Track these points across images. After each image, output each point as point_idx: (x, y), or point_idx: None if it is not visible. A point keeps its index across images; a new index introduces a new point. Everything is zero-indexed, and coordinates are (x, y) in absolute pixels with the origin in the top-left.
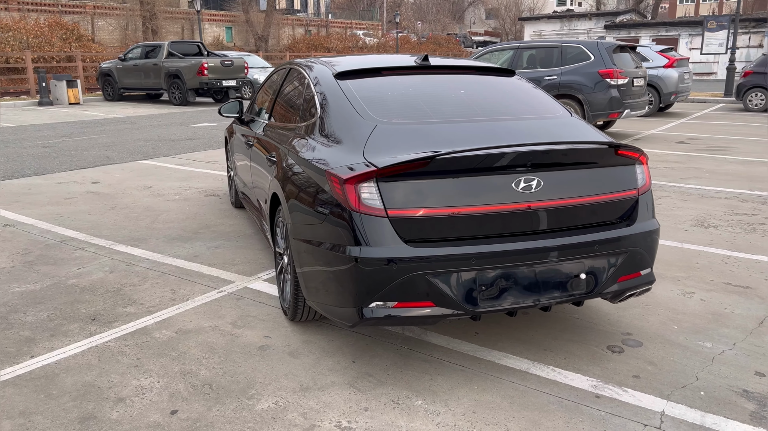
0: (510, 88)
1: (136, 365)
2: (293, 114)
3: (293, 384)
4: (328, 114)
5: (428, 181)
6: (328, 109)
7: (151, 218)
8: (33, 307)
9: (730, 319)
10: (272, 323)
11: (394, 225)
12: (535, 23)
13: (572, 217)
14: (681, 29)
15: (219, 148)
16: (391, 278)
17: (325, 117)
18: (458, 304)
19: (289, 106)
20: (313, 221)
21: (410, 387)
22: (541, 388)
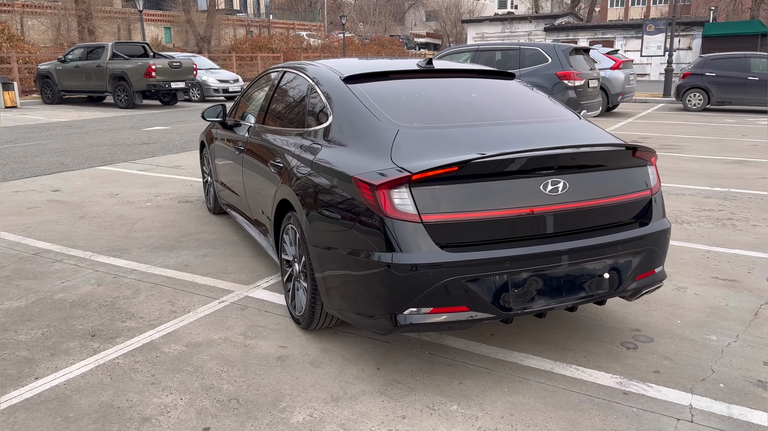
0: (515, 91)
1: (153, 382)
2: (296, 118)
3: (323, 395)
4: (343, 119)
5: (460, 185)
6: (342, 114)
7: (127, 227)
8: (23, 325)
9: (727, 312)
10: (284, 332)
11: (428, 230)
12: (477, 26)
13: (595, 218)
14: (616, 32)
15: (179, 152)
16: (428, 284)
17: (340, 122)
18: (492, 308)
19: (291, 111)
20: (338, 228)
21: (441, 392)
22: (570, 387)
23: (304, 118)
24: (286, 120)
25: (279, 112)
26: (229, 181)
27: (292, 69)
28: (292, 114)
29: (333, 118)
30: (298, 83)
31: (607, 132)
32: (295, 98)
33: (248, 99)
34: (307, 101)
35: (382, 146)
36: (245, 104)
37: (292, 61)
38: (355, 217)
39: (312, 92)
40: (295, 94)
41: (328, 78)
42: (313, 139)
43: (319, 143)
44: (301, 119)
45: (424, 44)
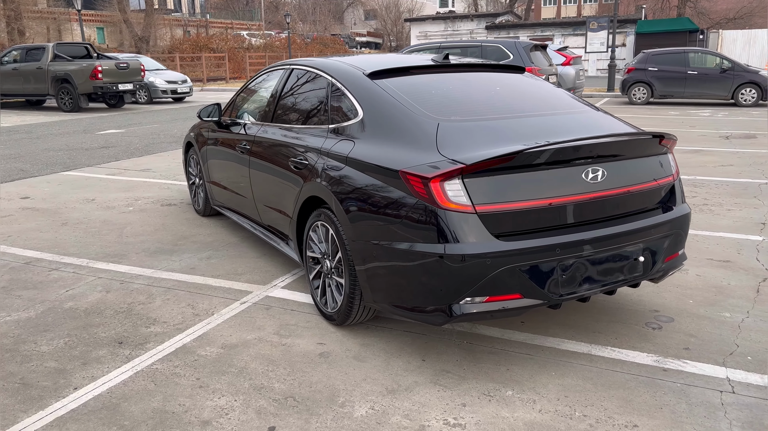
0: (531, 84)
1: (200, 386)
2: (316, 116)
3: (377, 388)
4: (376, 114)
5: (509, 175)
6: (373, 109)
7: (116, 232)
8: (41, 336)
9: (731, 291)
10: (318, 330)
11: (482, 220)
12: (420, 24)
13: (630, 204)
14: (555, 29)
15: (143, 155)
16: (484, 273)
17: (372, 117)
18: (543, 294)
19: (308, 108)
20: (384, 222)
21: (492, 379)
22: (612, 367)
23: (326, 114)
24: (302, 118)
25: (292, 109)
26: (228, 182)
27: (302, 66)
28: (310, 111)
29: (363, 113)
30: (313, 80)
31: (626, 122)
32: (312, 95)
33: (247, 98)
34: (328, 98)
35: (425, 139)
36: (243, 104)
37: (297, 59)
38: (404, 210)
39: (333, 89)
40: (311, 92)
41: (350, 74)
42: (342, 135)
43: (350, 139)
44: (322, 116)
45: (366, 43)
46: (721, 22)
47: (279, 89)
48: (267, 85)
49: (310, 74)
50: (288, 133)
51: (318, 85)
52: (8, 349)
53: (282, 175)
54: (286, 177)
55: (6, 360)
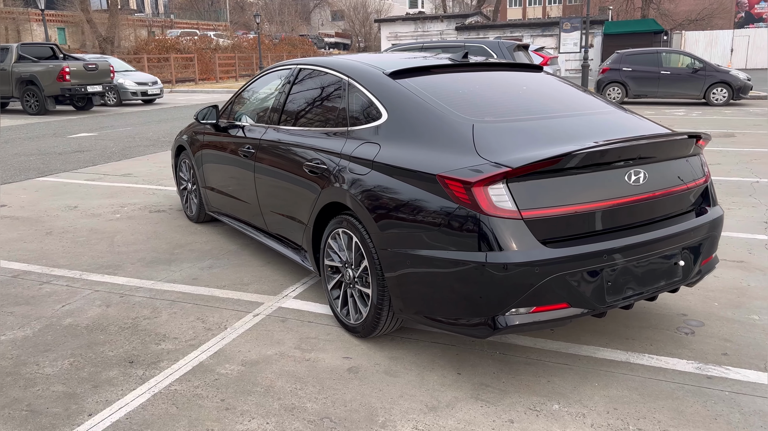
0: (555, 83)
1: (227, 407)
2: (332, 117)
3: (417, 405)
4: (402, 115)
5: (553, 179)
6: (399, 110)
7: (106, 241)
8: (42, 356)
9: (753, 292)
10: (341, 343)
11: (529, 226)
12: (390, 25)
13: (670, 207)
14: (524, 30)
15: (121, 159)
16: (532, 282)
17: (398, 118)
18: (590, 302)
19: (322, 110)
20: (419, 229)
21: (535, 392)
22: (655, 376)
23: (343, 116)
24: (315, 119)
25: (302, 111)
26: (228, 187)
27: (311, 66)
28: (324, 113)
29: (388, 114)
30: (326, 81)
31: (655, 122)
32: (325, 96)
33: (247, 100)
34: (345, 99)
35: (460, 141)
36: (243, 106)
37: (304, 58)
38: (443, 217)
39: (350, 89)
40: (324, 93)
41: (369, 74)
42: (364, 137)
43: (374, 141)
44: (338, 118)
45: (334, 44)
46: (683, 23)
47: (285, 90)
48: (270, 86)
49: (321, 74)
50: (300, 135)
51: (331, 85)
52: (8, 372)
53: (294, 181)
54: (299, 182)
55: (8, 384)
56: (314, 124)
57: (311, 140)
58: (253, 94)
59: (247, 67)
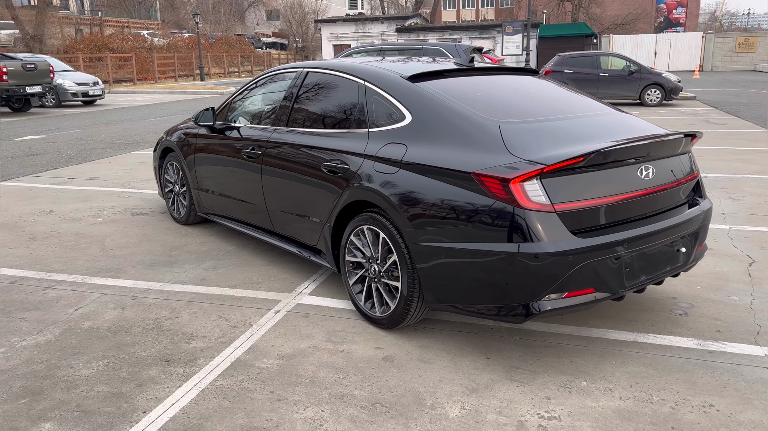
0: (554, 86)
1: (279, 398)
2: (350, 119)
3: (458, 388)
4: (428, 117)
5: (579, 175)
6: (424, 112)
7: (97, 245)
8: (74, 359)
9: (727, 276)
10: (368, 334)
11: (561, 218)
12: (331, 26)
13: (672, 199)
14: (462, 32)
15: (81, 162)
16: (566, 270)
17: (424, 120)
18: (612, 287)
19: (338, 112)
20: (454, 224)
21: (561, 371)
22: (663, 353)
23: (361, 118)
24: (330, 122)
25: (315, 114)
26: (227, 189)
27: (320, 69)
28: (340, 115)
29: (412, 117)
30: (339, 84)
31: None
32: (340, 99)
33: (248, 103)
34: (364, 102)
35: (490, 141)
36: (242, 108)
37: (310, 62)
38: (479, 212)
39: (369, 92)
40: (338, 95)
41: (388, 78)
42: (388, 138)
43: (399, 142)
44: (356, 120)
45: (271, 44)
46: (610, 27)
47: (293, 93)
48: (274, 89)
49: (333, 78)
50: (314, 136)
51: (346, 88)
52: (44, 376)
53: (309, 181)
54: (314, 182)
55: (48, 387)
56: (329, 125)
57: (327, 141)
58: (252, 98)
59: (186, 67)
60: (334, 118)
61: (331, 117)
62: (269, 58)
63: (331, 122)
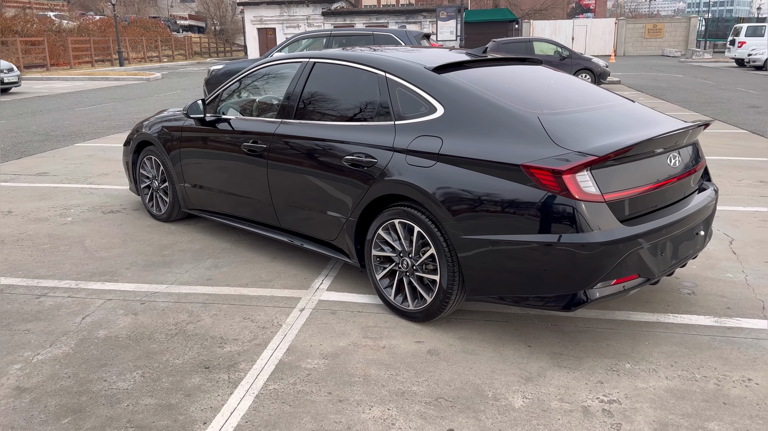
0: (565, 76)
1: (340, 400)
2: (371, 112)
3: (513, 378)
4: (462, 109)
5: (623, 165)
6: (458, 105)
7: (78, 248)
8: (104, 372)
9: (716, 254)
10: (403, 328)
11: (610, 208)
12: (254, 9)
13: (692, 185)
14: (389, 17)
15: (21, 157)
16: (617, 257)
17: (458, 112)
18: (651, 271)
19: (356, 105)
20: (502, 216)
21: (603, 355)
22: (689, 332)
23: (384, 110)
24: (348, 114)
25: (328, 106)
26: (221, 183)
27: (330, 60)
28: (359, 108)
29: (444, 109)
30: (354, 75)
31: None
32: (357, 91)
33: (244, 95)
34: (386, 94)
35: (532, 133)
36: (237, 100)
37: (316, 51)
38: (529, 204)
39: (392, 84)
40: (355, 87)
41: (412, 69)
42: (419, 131)
43: (433, 135)
44: (378, 112)
45: (188, 27)
46: (529, 12)
47: (300, 85)
48: (272, 81)
49: (347, 70)
50: (331, 130)
51: (364, 80)
52: (78, 391)
53: (327, 176)
54: (334, 177)
55: (88, 404)
56: (347, 118)
57: (347, 134)
58: (246, 90)
59: (102, 52)
60: (352, 110)
61: (349, 109)
62: (189, 42)
63: (349, 114)
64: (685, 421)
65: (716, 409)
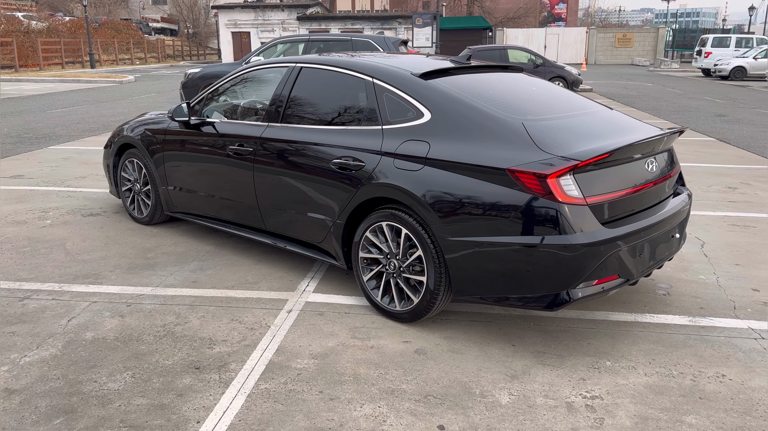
0: (544, 83)
1: (330, 398)
2: (358, 117)
3: (499, 376)
4: (448, 114)
5: (604, 169)
6: (444, 110)
7: (59, 250)
8: (93, 373)
9: (687, 257)
10: (390, 329)
11: (592, 210)
12: (229, 12)
13: (667, 190)
14: (364, 23)
15: None
16: (599, 258)
17: (444, 118)
18: (630, 272)
19: (343, 110)
20: (487, 218)
21: (584, 353)
22: (665, 331)
23: (371, 115)
24: (334, 118)
25: (315, 110)
26: (208, 187)
27: (317, 65)
28: (345, 112)
29: (432, 114)
30: (341, 80)
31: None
32: (344, 96)
33: (227, 98)
34: (374, 99)
35: (517, 138)
36: (222, 104)
37: (303, 56)
38: (514, 206)
39: (379, 89)
40: (342, 92)
41: (399, 75)
42: (406, 135)
43: (420, 139)
44: (365, 116)
45: (161, 29)
46: (503, 20)
47: (287, 89)
48: (258, 84)
49: (334, 75)
50: (319, 134)
51: (351, 85)
52: (68, 392)
53: (314, 179)
54: (321, 180)
55: (80, 405)
56: (334, 122)
57: (335, 137)
58: (231, 93)
59: (73, 54)
60: (339, 114)
61: (336, 113)
62: (162, 45)
63: (337, 119)
64: (664, 415)
65: (693, 403)
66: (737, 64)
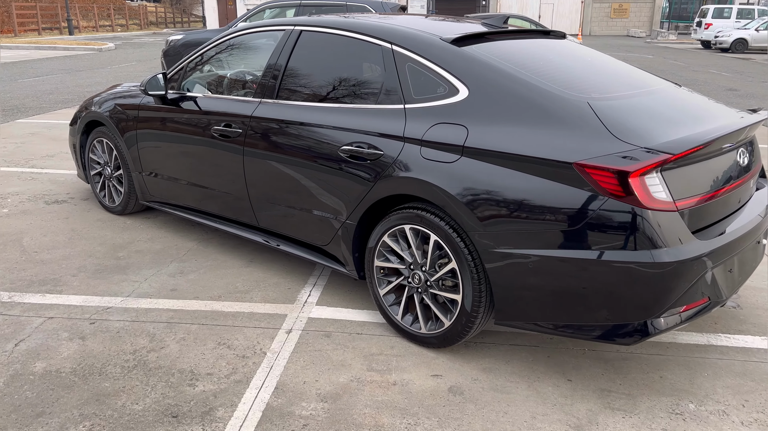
0: (596, 53)
1: None
2: (370, 92)
3: (560, 427)
4: (493, 91)
5: (693, 164)
6: (487, 86)
7: (15, 247)
8: (39, 425)
9: None
10: (414, 357)
11: (683, 218)
12: None
13: (753, 186)
14: None
15: None
16: (692, 278)
17: (487, 95)
18: (722, 293)
19: (352, 82)
20: (548, 225)
21: (658, 391)
22: (749, 358)
23: (390, 90)
24: (343, 94)
25: (318, 84)
26: (186, 173)
27: (321, 28)
28: (356, 86)
29: (469, 90)
30: (351, 46)
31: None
32: (354, 66)
33: (212, 68)
34: (393, 70)
35: (586, 123)
36: (200, 74)
37: (303, 17)
38: (584, 211)
39: (400, 58)
40: (351, 61)
41: (424, 40)
42: (436, 117)
43: (456, 122)
44: (381, 92)
45: None
46: None
47: (283, 57)
48: (249, 52)
49: (343, 40)
50: (324, 113)
51: (363, 53)
52: None
53: (319, 168)
54: (327, 170)
55: None
56: (343, 99)
57: (344, 118)
58: (216, 62)
59: (50, 19)
60: (348, 89)
61: (345, 88)
62: (144, 12)
63: (345, 95)
64: None
65: None
66: (738, 36)
